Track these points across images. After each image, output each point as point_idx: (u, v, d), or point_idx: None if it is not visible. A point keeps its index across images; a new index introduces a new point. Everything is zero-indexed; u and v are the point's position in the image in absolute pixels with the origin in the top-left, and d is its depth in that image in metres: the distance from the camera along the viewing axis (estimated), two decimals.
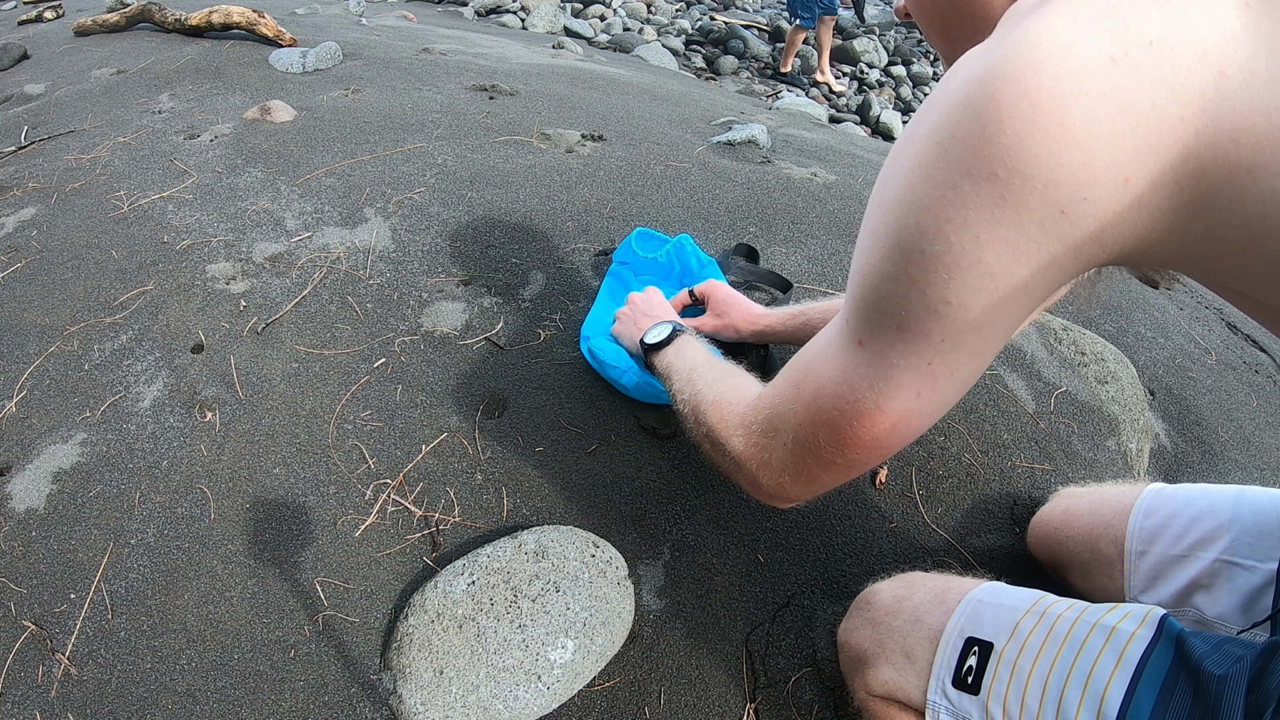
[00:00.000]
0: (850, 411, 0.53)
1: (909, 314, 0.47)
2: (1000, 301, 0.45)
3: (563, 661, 0.91)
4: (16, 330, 1.44)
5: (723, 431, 0.69)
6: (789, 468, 0.61)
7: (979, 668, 0.65)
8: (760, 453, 0.63)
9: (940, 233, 0.44)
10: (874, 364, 0.51)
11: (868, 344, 0.51)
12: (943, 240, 0.44)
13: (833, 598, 1.03)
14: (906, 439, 0.55)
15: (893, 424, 0.53)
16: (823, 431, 0.56)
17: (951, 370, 0.50)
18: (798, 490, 0.62)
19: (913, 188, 0.45)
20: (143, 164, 1.96)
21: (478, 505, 1.11)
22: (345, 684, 0.94)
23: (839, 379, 0.54)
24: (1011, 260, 0.43)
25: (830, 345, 0.56)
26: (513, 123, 2.17)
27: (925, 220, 0.44)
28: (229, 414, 1.25)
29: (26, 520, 1.14)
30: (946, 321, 0.46)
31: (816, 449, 0.58)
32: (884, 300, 0.49)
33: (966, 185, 0.42)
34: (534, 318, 1.40)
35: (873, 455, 0.56)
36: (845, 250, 1.70)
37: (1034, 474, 1.26)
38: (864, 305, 0.51)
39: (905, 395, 0.51)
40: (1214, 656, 0.55)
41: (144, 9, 3.11)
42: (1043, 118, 0.39)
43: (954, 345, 0.48)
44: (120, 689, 0.95)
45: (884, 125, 5.35)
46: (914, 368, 0.50)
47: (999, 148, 0.40)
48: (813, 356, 0.58)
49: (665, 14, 6.65)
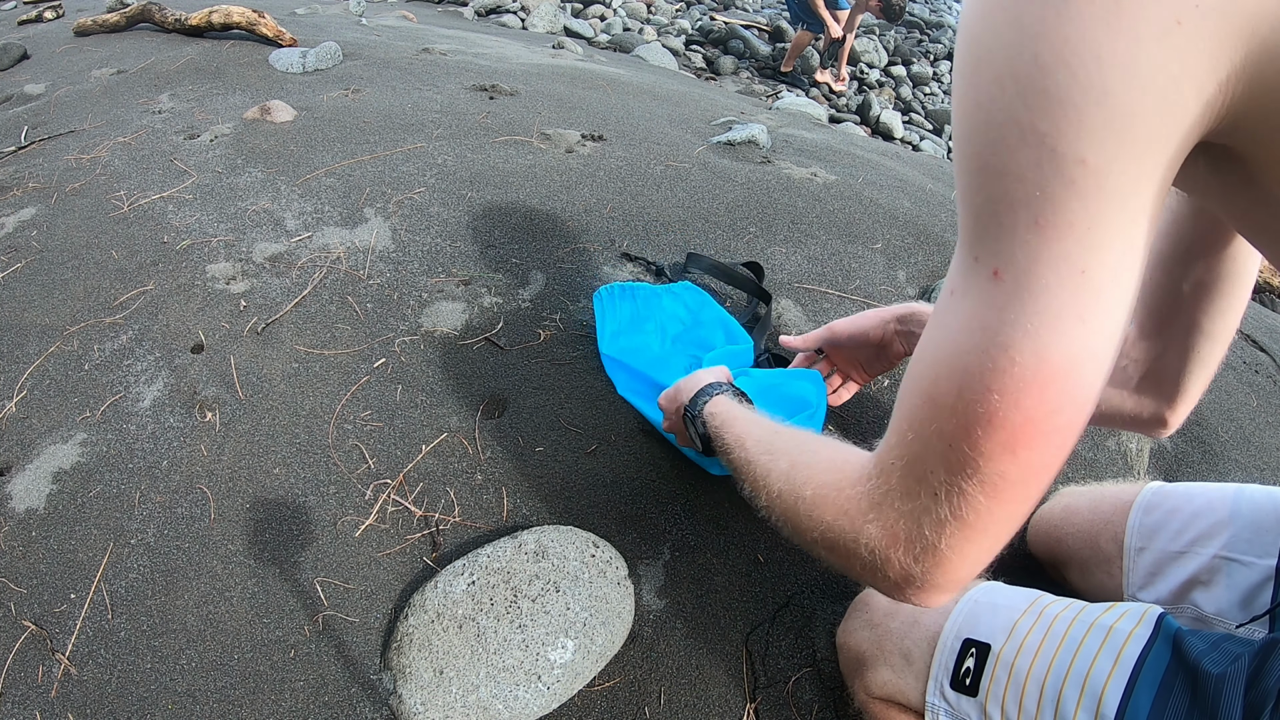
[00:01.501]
0: (1010, 382, 0.41)
1: (1044, 194, 0.39)
2: (1136, 155, 0.38)
3: (563, 661, 0.91)
4: (16, 330, 1.44)
5: (845, 528, 0.52)
6: (950, 524, 0.45)
7: (977, 669, 0.65)
8: (908, 525, 0.47)
9: (1059, 59, 0.37)
10: (1020, 293, 0.41)
11: (1006, 269, 0.41)
12: (1064, 69, 0.37)
13: (832, 598, 1.04)
14: (1087, 399, 0.42)
15: (1065, 373, 0.41)
16: (983, 434, 0.43)
17: (1113, 273, 0.40)
18: (971, 553, 0.46)
19: (1018, 19, 0.38)
20: (143, 164, 1.96)
21: (478, 505, 1.11)
22: (345, 684, 0.94)
23: (982, 342, 0.42)
24: (1137, 90, 0.37)
25: (953, 319, 0.45)
26: (513, 123, 2.17)
27: (1041, 48, 0.38)
28: (229, 414, 1.25)
29: (26, 520, 1.14)
30: (1086, 195, 0.39)
31: (981, 469, 0.43)
32: (1010, 186, 0.40)
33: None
34: (534, 318, 1.41)
35: (1053, 443, 0.43)
36: (845, 250, 1.70)
37: None
38: (985, 214, 0.42)
39: (1068, 325, 0.40)
40: (1212, 655, 0.55)
41: (144, 9, 3.11)
42: None
43: (1103, 233, 0.39)
44: (120, 689, 0.95)
45: (884, 125, 5.35)
46: (1068, 280, 0.40)
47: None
48: (935, 350, 0.46)
49: (665, 14, 6.65)
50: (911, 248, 1.75)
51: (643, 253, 1.60)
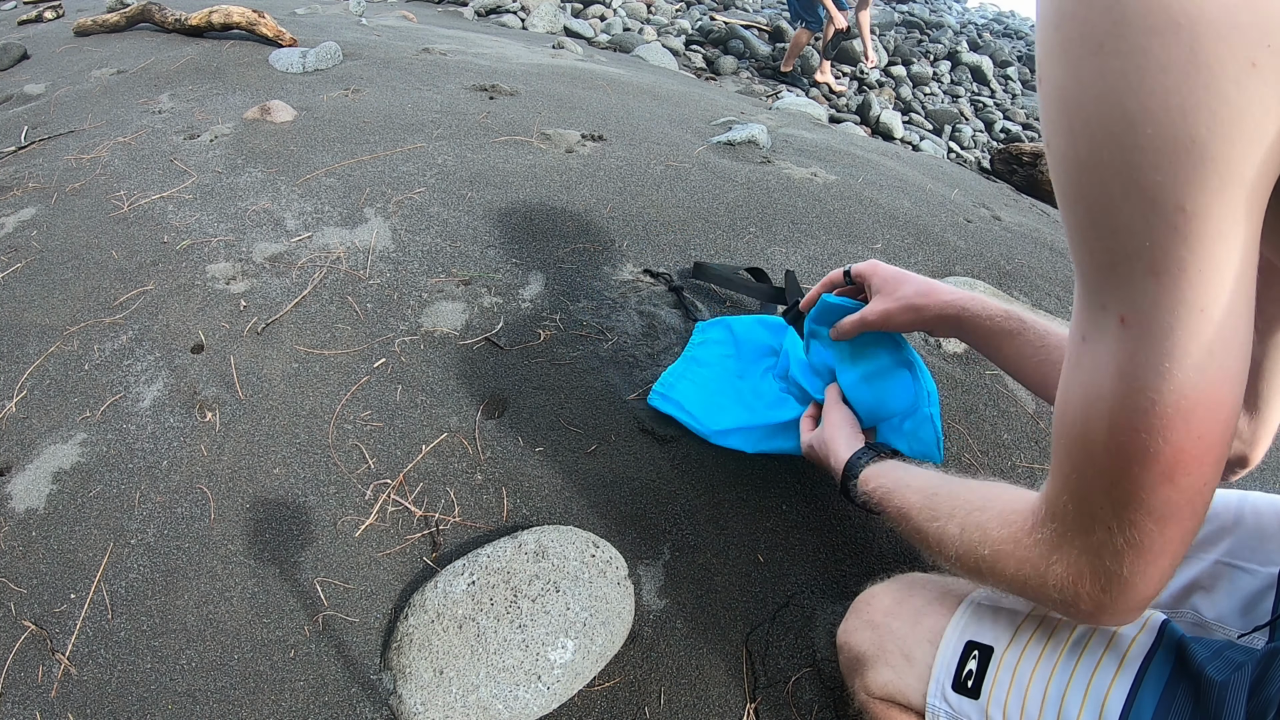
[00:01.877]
0: (1155, 420, 0.44)
1: (1153, 243, 0.41)
2: (1229, 199, 0.40)
3: (563, 661, 0.91)
4: (16, 330, 1.44)
5: (1030, 576, 0.55)
6: (1128, 553, 0.48)
7: (979, 672, 0.65)
8: (1091, 561, 0.50)
9: (1146, 111, 0.39)
10: (1147, 337, 0.43)
11: (1131, 316, 0.44)
12: (1152, 121, 0.39)
13: (833, 598, 1.03)
14: (1229, 418, 0.45)
15: (1204, 403, 0.44)
16: (1140, 470, 0.46)
17: (1229, 306, 0.42)
18: (1154, 574, 0.49)
19: (1102, 72, 0.40)
20: (143, 164, 1.96)
21: (478, 505, 1.11)
22: (345, 684, 0.94)
23: (1122, 387, 0.45)
24: (1222, 136, 0.39)
25: (1091, 362, 0.47)
26: (513, 123, 2.17)
27: (1129, 101, 0.39)
28: (229, 414, 1.25)
29: (26, 520, 1.14)
30: (1190, 239, 0.41)
31: (1145, 501, 0.46)
32: (1122, 239, 0.42)
33: (1155, 45, 0.38)
34: (534, 318, 1.41)
35: (1206, 464, 0.46)
36: (845, 250, 1.70)
37: (1034, 474, 1.26)
38: (1104, 265, 0.44)
39: (1200, 362, 0.43)
40: (1215, 663, 0.55)
41: (144, 9, 3.11)
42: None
43: (1214, 271, 0.41)
44: (120, 689, 0.95)
45: (884, 125, 5.35)
46: (1190, 320, 0.42)
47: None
48: (1082, 394, 0.49)
49: (665, 14, 6.65)
50: (911, 248, 1.75)
51: (643, 253, 1.60)
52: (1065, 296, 1.73)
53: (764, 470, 1.17)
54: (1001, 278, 1.72)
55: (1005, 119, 6.22)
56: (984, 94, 6.73)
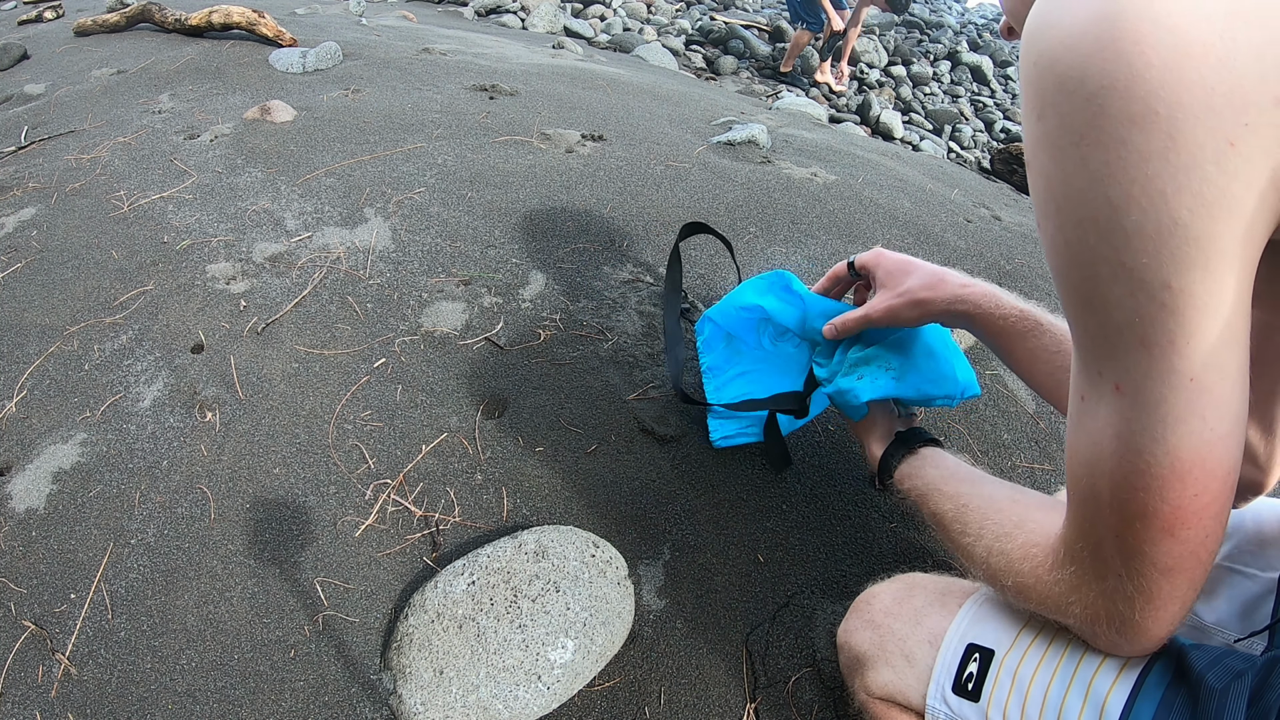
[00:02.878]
0: (1152, 481, 0.46)
1: (1142, 319, 0.43)
2: (1215, 273, 0.41)
3: (563, 661, 0.91)
4: (16, 330, 1.44)
5: (1051, 610, 0.59)
6: (1138, 600, 0.51)
7: (980, 674, 0.65)
8: (1105, 604, 0.53)
9: (1129, 199, 0.40)
10: (1140, 405, 0.45)
11: (1125, 384, 0.46)
12: (1136, 208, 0.41)
13: (833, 598, 1.03)
14: (1227, 476, 0.47)
15: (1199, 464, 0.46)
16: (1141, 525, 0.48)
17: (1219, 372, 0.44)
18: (1164, 619, 0.52)
19: (1085, 163, 0.42)
20: (143, 164, 1.96)
21: (478, 505, 1.11)
22: (345, 684, 0.94)
23: (1120, 449, 0.47)
24: (1204, 215, 0.40)
25: (1090, 421, 0.50)
26: (513, 123, 2.17)
27: (1112, 191, 0.41)
28: (229, 414, 1.25)
29: (26, 520, 1.14)
30: (1178, 313, 0.42)
31: (1148, 553, 0.49)
32: (1113, 314, 0.44)
33: (1135, 135, 0.39)
34: (534, 318, 1.41)
35: (1206, 518, 0.47)
36: (845, 250, 1.70)
37: (1034, 474, 1.26)
38: (1097, 337, 0.46)
39: (1192, 428, 0.45)
40: (1214, 670, 0.55)
41: (144, 9, 3.11)
42: (1184, 41, 0.37)
43: (1201, 341, 0.43)
44: (120, 689, 0.95)
45: (884, 125, 5.35)
46: (1180, 389, 0.44)
47: (1152, 82, 0.38)
48: (1085, 452, 0.51)
49: (665, 14, 6.65)
50: (911, 248, 1.75)
51: (643, 253, 1.60)
52: None
53: (764, 470, 1.17)
54: (1001, 278, 1.72)
55: (1005, 119, 6.22)
56: (984, 94, 6.73)
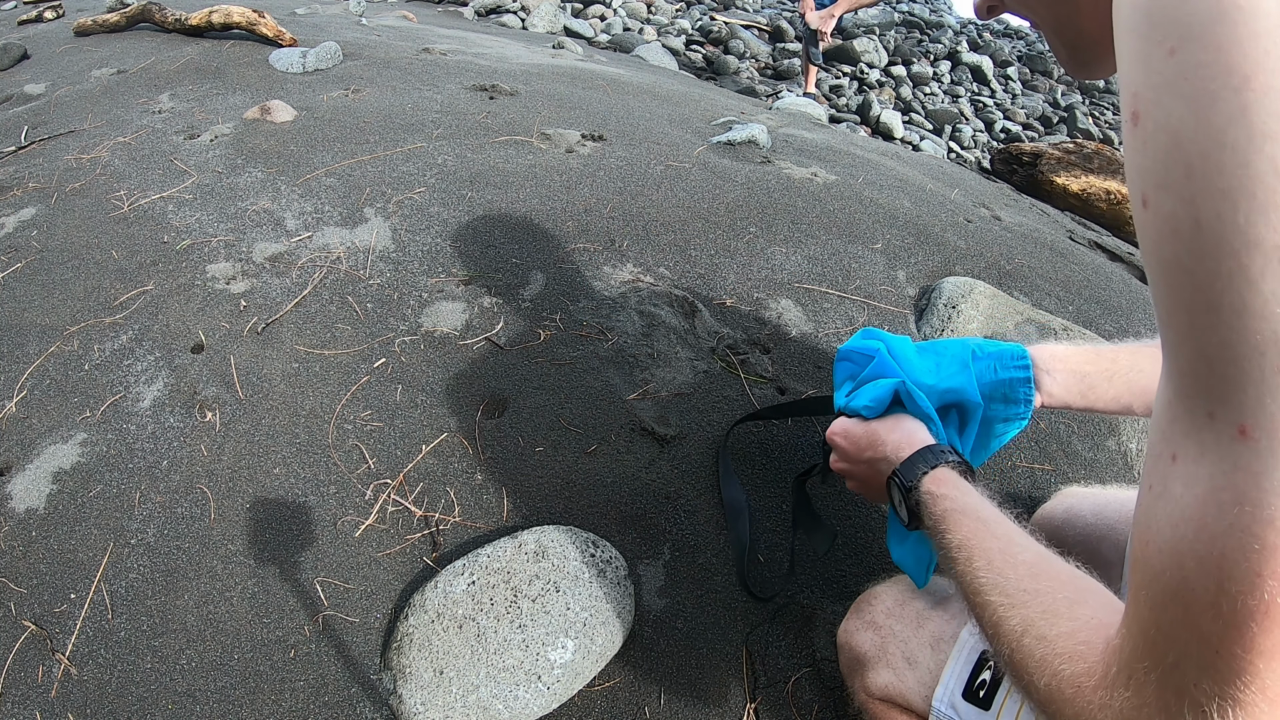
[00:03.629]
0: (1269, 564, 0.34)
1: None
2: None
3: (563, 661, 0.91)
4: (16, 330, 1.44)
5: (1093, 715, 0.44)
6: (1214, 696, 0.37)
7: (992, 684, 0.64)
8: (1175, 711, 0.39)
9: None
10: (1277, 457, 0.33)
11: (1256, 426, 0.34)
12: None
13: (833, 598, 1.03)
14: None
15: None
16: (1259, 631, 0.34)
17: None
18: None
19: (1247, 113, 0.31)
20: (143, 164, 1.96)
21: (478, 505, 1.11)
22: (345, 684, 0.94)
23: (1239, 519, 0.34)
24: None
25: (1186, 489, 0.37)
26: (513, 123, 2.17)
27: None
28: (229, 414, 1.25)
29: (26, 520, 1.14)
30: None
31: (1262, 672, 0.35)
32: (1255, 324, 0.33)
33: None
34: (534, 318, 1.40)
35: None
36: (845, 250, 1.70)
37: (1034, 474, 1.26)
38: (1219, 360, 0.35)
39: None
40: None
41: (144, 9, 3.11)
42: None
43: None
44: (120, 689, 0.95)
45: (884, 125, 5.35)
46: None
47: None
48: (1174, 532, 0.38)
49: (665, 14, 6.65)
50: (911, 248, 1.75)
51: (643, 253, 1.60)
52: (1065, 296, 1.73)
53: (764, 470, 1.17)
54: (1002, 278, 1.72)
55: (1005, 119, 6.22)
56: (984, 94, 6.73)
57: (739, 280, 1.55)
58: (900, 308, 1.56)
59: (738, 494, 1.12)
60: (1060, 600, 0.50)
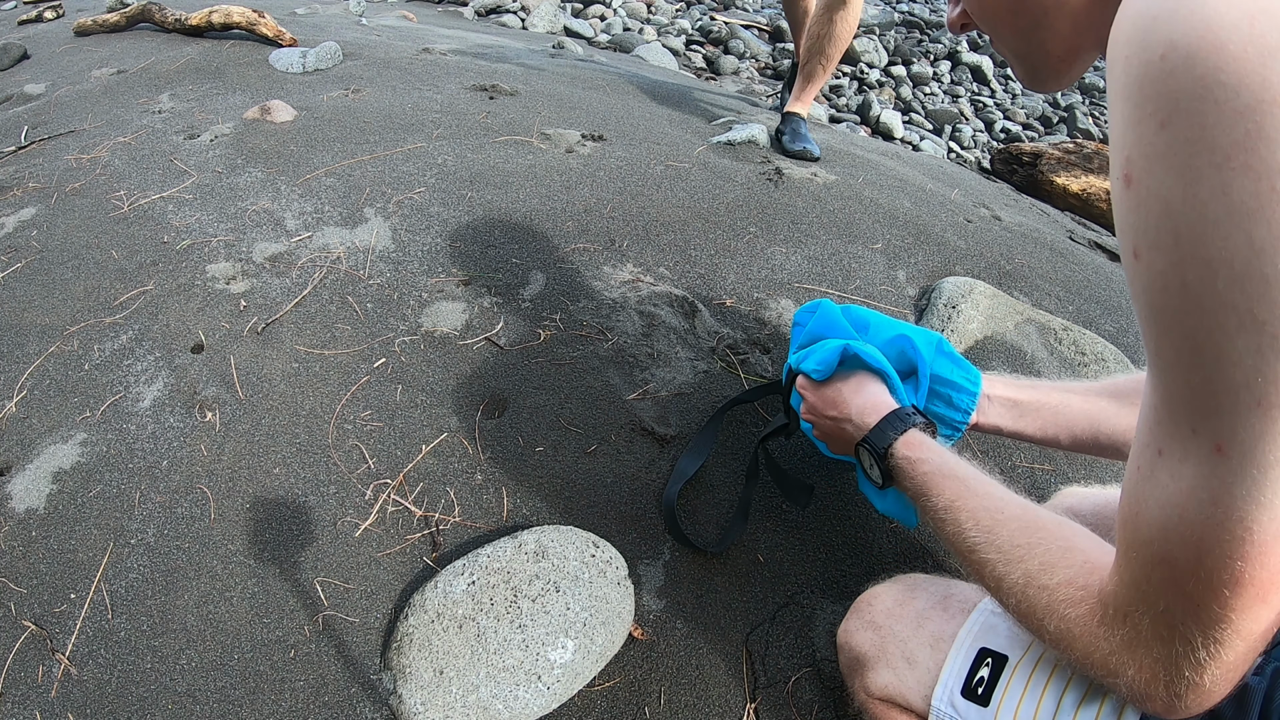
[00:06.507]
0: (1251, 549, 0.42)
1: (1266, 379, 0.38)
2: None
3: (563, 661, 0.91)
4: (16, 330, 1.44)
5: (1098, 665, 0.53)
6: (1210, 665, 0.47)
7: (991, 680, 0.64)
8: (1167, 669, 0.48)
9: (1277, 241, 0.35)
10: (1247, 469, 0.40)
11: (1229, 446, 0.41)
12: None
13: (832, 597, 1.03)
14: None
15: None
16: (1231, 594, 0.44)
17: None
18: (1234, 678, 0.48)
19: (1226, 191, 0.35)
20: (143, 164, 1.96)
21: (478, 505, 1.11)
22: (345, 684, 0.94)
23: (1215, 514, 0.42)
24: None
25: (1171, 481, 0.44)
26: (513, 123, 2.17)
27: (1258, 230, 0.35)
28: (229, 414, 1.25)
29: (26, 520, 1.14)
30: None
31: (1235, 621, 0.45)
32: (1229, 370, 0.39)
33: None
34: (534, 318, 1.40)
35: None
36: (845, 250, 1.70)
37: (1034, 474, 1.26)
38: (1201, 392, 0.41)
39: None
40: None
41: (144, 9, 3.11)
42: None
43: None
44: (120, 689, 0.95)
45: (884, 125, 5.35)
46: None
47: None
48: (1161, 513, 0.46)
49: (665, 14, 6.65)
50: (911, 248, 1.75)
51: (643, 253, 1.60)
52: (1065, 296, 1.73)
53: (763, 471, 1.17)
54: (1001, 278, 1.72)
55: (1005, 119, 6.22)
56: (984, 94, 6.73)
57: (739, 280, 1.55)
58: (900, 308, 1.56)
59: (706, 442, 1.16)
60: (1054, 550, 0.56)
